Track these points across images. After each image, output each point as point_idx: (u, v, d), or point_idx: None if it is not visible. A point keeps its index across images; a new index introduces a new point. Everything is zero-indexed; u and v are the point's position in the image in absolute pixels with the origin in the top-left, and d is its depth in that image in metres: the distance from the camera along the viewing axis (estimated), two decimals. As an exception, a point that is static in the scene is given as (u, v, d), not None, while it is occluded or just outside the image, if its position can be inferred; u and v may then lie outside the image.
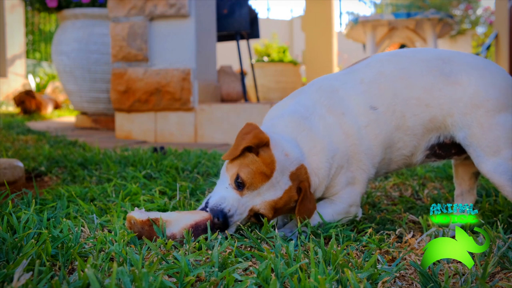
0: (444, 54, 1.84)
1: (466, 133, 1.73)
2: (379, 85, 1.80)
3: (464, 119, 1.72)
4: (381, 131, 1.78)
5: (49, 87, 11.45)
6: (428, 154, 1.84)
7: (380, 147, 1.80)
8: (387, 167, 1.88)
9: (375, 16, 7.69)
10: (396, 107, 1.78)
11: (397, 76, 1.80)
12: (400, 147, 1.82)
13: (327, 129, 1.76)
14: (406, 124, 1.78)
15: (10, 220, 1.61)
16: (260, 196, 1.62)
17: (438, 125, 1.78)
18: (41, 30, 14.29)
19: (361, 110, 1.79)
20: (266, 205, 1.62)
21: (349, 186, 1.80)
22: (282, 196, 1.63)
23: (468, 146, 1.73)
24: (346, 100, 1.80)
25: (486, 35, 14.28)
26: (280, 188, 1.63)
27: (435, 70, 1.77)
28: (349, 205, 1.81)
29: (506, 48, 7.80)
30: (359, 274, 1.26)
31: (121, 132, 5.08)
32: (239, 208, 1.61)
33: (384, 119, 1.78)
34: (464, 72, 1.75)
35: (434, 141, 1.81)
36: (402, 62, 1.84)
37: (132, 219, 1.58)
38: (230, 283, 1.18)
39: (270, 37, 11.40)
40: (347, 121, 1.77)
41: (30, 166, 2.95)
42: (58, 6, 5.97)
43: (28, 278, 1.11)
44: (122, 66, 4.96)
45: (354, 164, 1.79)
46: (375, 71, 1.84)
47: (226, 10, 5.91)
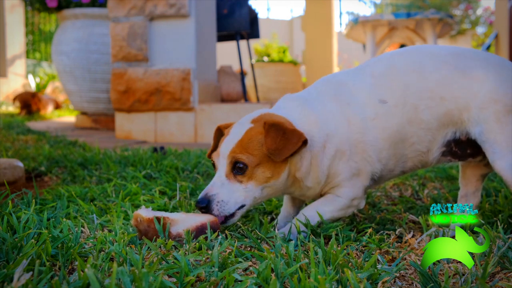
0: (457, 49, 1.84)
1: (482, 128, 1.70)
2: (390, 78, 1.78)
3: (481, 113, 1.70)
4: (391, 124, 1.75)
5: (49, 87, 11.45)
6: (444, 151, 1.80)
7: (388, 141, 1.76)
8: (403, 164, 1.83)
9: (375, 16, 7.69)
10: (407, 99, 1.74)
11: (410, 69, 1.78)
12: (414, 141, 1.77)
13: (327, 113, 1.75)
14: (419, 117, 1.74)
15: (10, 220, 1.61)
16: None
17: (454, 119, 1.74)
18: (41, 30, 14.29)
19: (369, 103, 1.76)
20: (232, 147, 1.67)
21: (353, 178, 1.77)
22: (244, 135, 1.67)
23: (484, 142, 1.70)
24: (354, 92, 1.79)
25: (486, 35, 14.28)
26: (243, 128, 1.70)
27: (449, 64, 1.75)
28: (351, 199, 1.78)
29: (506, 48, 7.80)
30: (359, 274, 1.25)
31: (121, 132, 5.08)
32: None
33: (394, 113, 1.75)
34: (480, 67, 1.74)
35: (451, 136, 1.77)
36: (415, 56, 1.82)
37: (139, 217, 1.59)
38: (230, 283, 1.18)
39: (270, 37, 11.40)
40: (351, 111, 1.75)
41: (30, 166, 2.95)
42: (58, 6, 5.97)
43: (28, 278, 1.11)
44: (122, 66, 4.95)
45: (359, 154, 1.75)
46: (386, 64, 1.82)
47: (226, 10, 5.92)
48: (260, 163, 1.66)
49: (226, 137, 1.73)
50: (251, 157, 1.65)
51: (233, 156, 1.66)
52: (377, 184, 1.90)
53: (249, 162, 1.64)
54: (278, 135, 1.63)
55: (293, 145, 1.63)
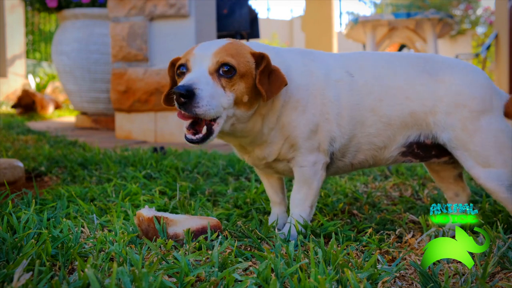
0: (424, 54, 1.85)
1: (450, 134, 1.68)
2: (360, 63, 1.78)
3: (447, 119, 1.68)
4: (354, 97, 1.71)
5: (49, 87, 11.44)
6: (404, 151, 1.77)
7: (347, 110, 1.70)
8: (354, 153, 1.77)
9: (375, 16, 7.70)
10: (374, 88, 1.73)
11: (379, 64, 1.78)
12: (371, 132, 1.73)
13: (291, 62, 1.70)
14: (382, 110, 1.72)
15: (10, 220, 1.61)
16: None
17: (419, 122, 1.72)
18: (41, 30, 14.28)
19: (336, 69, 1.75)
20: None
21: (312, 137, 1.69)
22: (227, 45, 1.58)
23: (455, 149, 1.69)
24: (321, 57, 1.78)
25: (486, 35, 14.27)
26: (222, 41, 1.61)
27: (417, 66, 1.75)
28: (313, 162, 1.71)
29: (506, 48, 7.81)
30: (359, 274, 1.26)
31: (121, 132, 5.08)
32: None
33: (359, 90, 1.72)
34: (446, 71, 1.73)
35: (414, 139, 1.74)
36: (385, 56, 1.83)
37: (141, 216, 1.60)
38: (230, 283, 1.18)
39: (270, 37, 11.40)
40: (315, 65, 1.72)
41: (30, 166, 2.95)
42: (58, 6, 5.97)
43: (28, 278, 1.11)
44: (122, 66, 4.96)
45: (317, 107, 1.68)
46: (356, 54, 1.84)
47: (226, 10, 5.92)
48: (244, 76, 1.55)
49: (200, 45, 1.62)
50: (240, 64, 1.54)
51: (220, 56, 1.54)
52: (330, 172, 1.83)
53: (238, 67, 1.53)
54: (266, 71, 1.56)
55: (280, 84, 1.57)
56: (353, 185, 2.61)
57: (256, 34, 6.61)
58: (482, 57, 8.27)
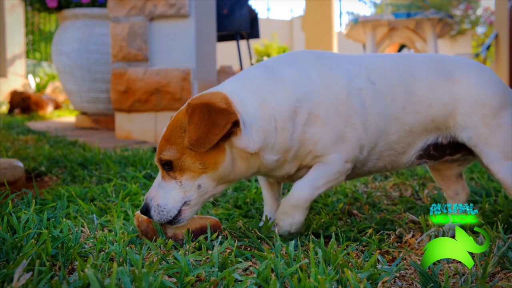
0: (435, 55, 1.83)
1: (471, 133, 1.68)
2: (380, 70, 1.71)
3: (468, 119, 1.68)
4: (378, 105, 1.65)
5: (49, 87, 11.44)
6: (421, 154, 1.76)
7: (374, 119, 1.64)
8: (375, 162, 1.73)
9: (375, 16, 7.70)
10: (396, 96, 1.68)
11: (399, 69, 1.72)
12: (393, 140, 1.70)
13: (298, 76, 1.59)
14: (405, 118, 1.69)
15: (10, 220, 1.61)
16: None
17: (439, 126, 1.71)
18: (41, 30, 14.28)
19: (358, 75, 1.66)
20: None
21: (339, 144, 1.61)
22: (169, 123, 1.55)
23: (475, 146, 1.69)
24: (340, 62, 1.68)
25: (486, 35, 14.28)
26: (174, 115, 1.59)
27: (434, 69, 1.73)
28: (344, 160, 1.63)
29: (506, 48, 7.81)
30: (359, 274, 1.26)
31: (121, 132, 5.08)
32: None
33: (382, 98, 1.66)
34: (461, 71, 1.72)
35: (431, 141, 1.74)
36: (402, 60, 1.80)
37: (140, 217, 1.60)
38: (230, 283, 1.18)
39: (270, 37, 11.41)
40: (333, 74, 1.62)
41: (30, 166, 2.95)
42: (58, 6, 5.97)
43: (28, 278, 1.11)
44: (122, 66, 4.96)
45: (341, 117, 1.60)
46: (375, 58, 1.79)
47: (226, 10, 5.92)
48: (185, 152, 1.48)
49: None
50: (173, 148, 1.49)
51: (159, 152, 1.53)
52: (353, 175, 1.78)
53: (171, 155, 1.48)
54: (202, 119, 1.41)
55: (219, 130, 1.41)
56: (353, 185, 2.61)
57: (256, 34, 6.61)
58: (482, 57, 8.28)
